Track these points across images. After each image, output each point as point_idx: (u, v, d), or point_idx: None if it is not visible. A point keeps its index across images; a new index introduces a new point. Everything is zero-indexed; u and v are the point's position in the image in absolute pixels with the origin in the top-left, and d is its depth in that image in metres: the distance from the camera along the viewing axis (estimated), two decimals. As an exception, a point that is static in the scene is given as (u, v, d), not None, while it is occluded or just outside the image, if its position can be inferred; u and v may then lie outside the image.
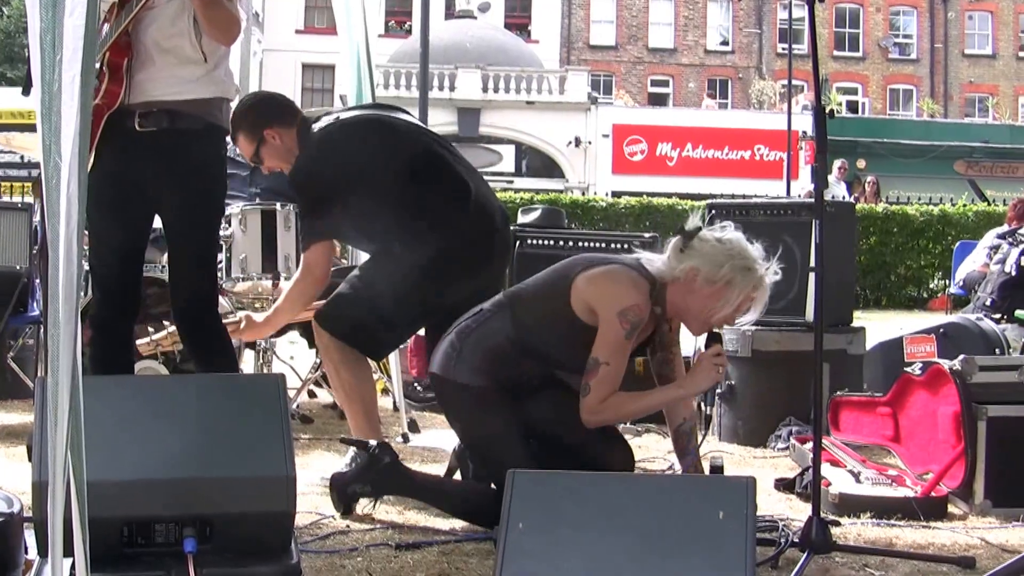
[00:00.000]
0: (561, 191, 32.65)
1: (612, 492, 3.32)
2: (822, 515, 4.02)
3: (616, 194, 26.35)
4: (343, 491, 4.68)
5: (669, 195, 23.85)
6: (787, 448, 6.14)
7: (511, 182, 36.28)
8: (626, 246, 7.57)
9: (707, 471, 4.65)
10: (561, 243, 7.69)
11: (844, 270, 6.82)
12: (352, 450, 4.83)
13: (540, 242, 7.66)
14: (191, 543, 3.15)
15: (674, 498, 3.26)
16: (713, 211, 7.12)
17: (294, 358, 8.30)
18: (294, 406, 7.10)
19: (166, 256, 5.26)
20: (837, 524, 4.50)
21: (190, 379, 4.72)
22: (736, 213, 7.07)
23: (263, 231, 6.82)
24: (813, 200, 4.31)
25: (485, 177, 5.54)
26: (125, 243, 4.97)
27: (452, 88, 40.56)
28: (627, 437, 6.48)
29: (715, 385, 4.64)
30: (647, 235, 7.75)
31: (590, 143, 41.02)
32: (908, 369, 5.42)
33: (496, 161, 40.53)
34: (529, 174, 40.35)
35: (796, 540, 4.01)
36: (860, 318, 7.18)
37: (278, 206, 6.87)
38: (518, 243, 7.62)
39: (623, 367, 4.43)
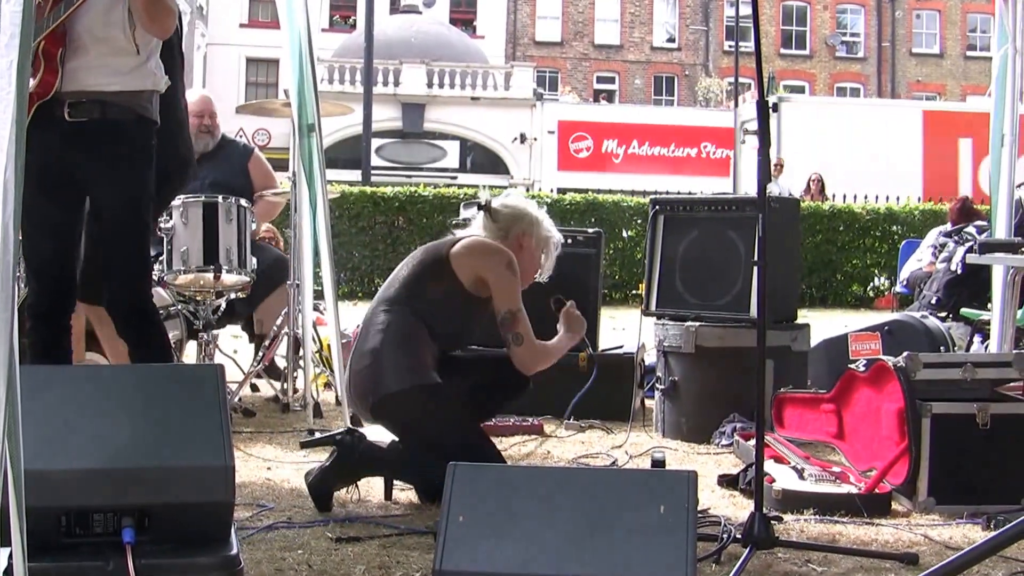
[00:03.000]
0: (506, 187, 32.60)
1: (553, 485, 3.29)
2: (765, 511, 4.00)
3: (561, 191, 26.32)
4: (322, 490, 4.64)
5: (614, 192, 23.85)
6: (731, 444, 6.12)
7: (455, 178, 36.36)
8: (570, 241, 7.55)
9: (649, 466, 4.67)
10: (504, 237, 7.62)
11: (789, 266, 6.81)
12: None
13: (484, 236, 7.58)
14: (129, 533, 3.11)
15: (615, 491, 3.23)
16: (657, 207, 7.09)
17: (237, 352, 8.23)
18: (236, 399, 7.06)
19: None
20: (780, 520, 4.50)
21: (127, 368, 4.69)
22: (680, 208, 7.05)
23: (204, 223, 6.73)
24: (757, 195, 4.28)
25: (430, 173, 5.71)
26: (57, 232, 4.96)
27: (397, 83, 40.54)
28: (571, 432, 6.52)
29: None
30: (591, 231, 7.71)
31: (535, 139, 41.07)
32: (852, 366, 5.41)
33: (440, 157, 40.58)
34: (474, 170, 40.38)
35: (738, 536, 3.98)
36: (805, 316, 7.17)
37: (220, 198, 6.78)
38: (462, 237, 7.55)
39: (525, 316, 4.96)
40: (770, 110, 4.17)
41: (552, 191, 27.45)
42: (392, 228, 20.00)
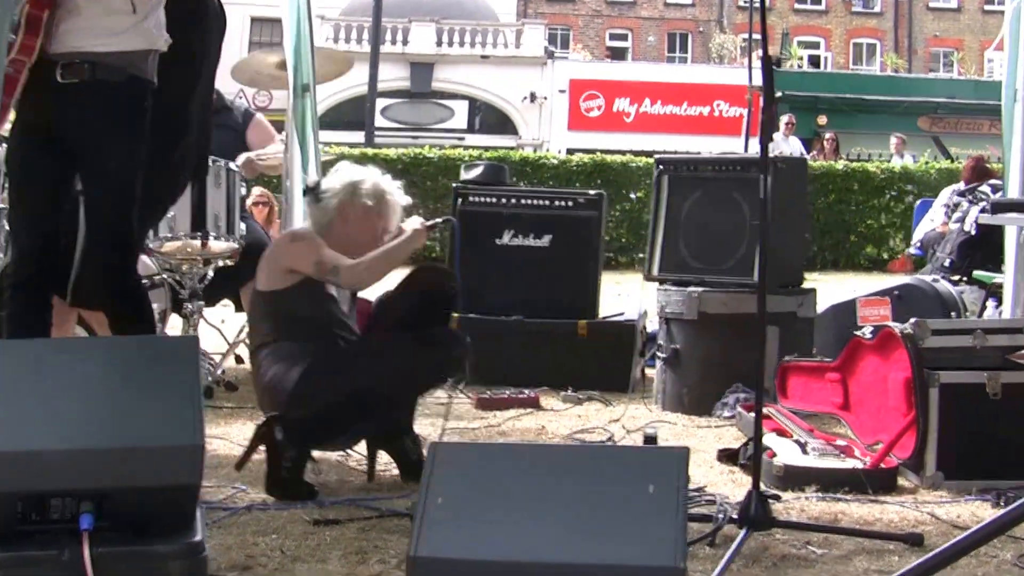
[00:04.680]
0: (513, 148, 32.44)
1: (537, 464, 3.20)
2: (764, 489, 3.89)
3: (571, 151, 26.16)
4: (282, 481, 4.46)
5: (624, 152, 23.62)
6: (733, 416, 5.95)
7: (462, 139, 36.10)
8: (570, 203, 7.37)
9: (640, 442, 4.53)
10: (503, 200, 7.47)
11: (795, 229, 6.63)
12: None
13: (482, 199, 7.43)
14: (87, 519, 3.01)
15: (602, 470, 3.14)
16: (662, 166, 6.90)
17: (224, 322, 8.04)
18: (219, 371, 6.91)
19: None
20: (778, 499, 4.35)
21: (96, 342, 4.59)
22: (684, 168, 6.87)
23: (192, 188, 6.55)
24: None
25: (436, 134, 5.49)
26: (42, 199, 4.84)
27: (405, 42, 40.37)
28: (568, 405, 6.36)
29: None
30: (592, 192, 7.53)
31: (545, 99, 40.88)
32: (859, 333, 5.25)
33: (448, 117, 40.47)
34: (482, 130, 40.21)
35: (734, 516, 3.82)
36: (817, 280, 7.01)
37: (208, 161, 6.59)
38: (459, 200, 7.42)
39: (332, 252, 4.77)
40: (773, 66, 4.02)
41: (560, 152, 27.26)
42: (395, 191, 19.85)
